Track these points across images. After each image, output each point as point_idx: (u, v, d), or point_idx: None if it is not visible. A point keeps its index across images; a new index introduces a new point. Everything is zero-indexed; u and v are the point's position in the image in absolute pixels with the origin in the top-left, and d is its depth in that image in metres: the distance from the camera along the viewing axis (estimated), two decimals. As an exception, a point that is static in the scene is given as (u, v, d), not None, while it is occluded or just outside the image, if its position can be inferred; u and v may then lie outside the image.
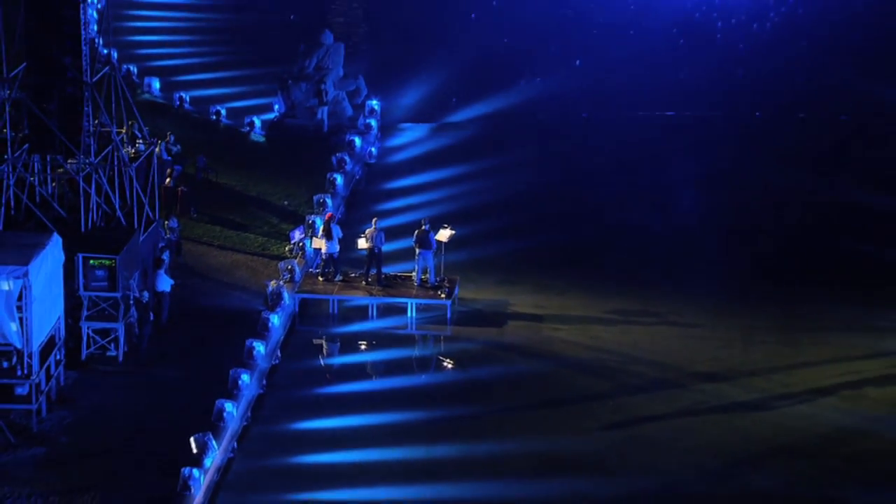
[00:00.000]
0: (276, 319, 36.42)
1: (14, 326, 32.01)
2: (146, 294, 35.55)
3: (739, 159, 49.10)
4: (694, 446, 32.75)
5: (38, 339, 32.42)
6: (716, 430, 33.44)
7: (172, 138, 43.18)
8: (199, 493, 29.95)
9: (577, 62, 56.99)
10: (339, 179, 43.60)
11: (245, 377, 33.61)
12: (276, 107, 48.08)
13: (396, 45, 56.29)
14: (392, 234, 39.66)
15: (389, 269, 38.91)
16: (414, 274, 38.40)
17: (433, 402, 34.74)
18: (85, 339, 35.05)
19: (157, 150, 41.72)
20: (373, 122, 47.93)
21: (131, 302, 35.50)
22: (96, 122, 39.68)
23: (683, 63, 56.85)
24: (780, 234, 43.39)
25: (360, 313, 38.33)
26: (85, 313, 35.03)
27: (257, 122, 47.56)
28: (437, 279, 38.28)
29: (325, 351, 37.31)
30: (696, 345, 37.06)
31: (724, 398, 34.74)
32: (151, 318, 36.15)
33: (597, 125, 51.68)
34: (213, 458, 30.90)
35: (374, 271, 38.55)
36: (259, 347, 34.94)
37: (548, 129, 51.00)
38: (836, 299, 39.19)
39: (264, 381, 34.69)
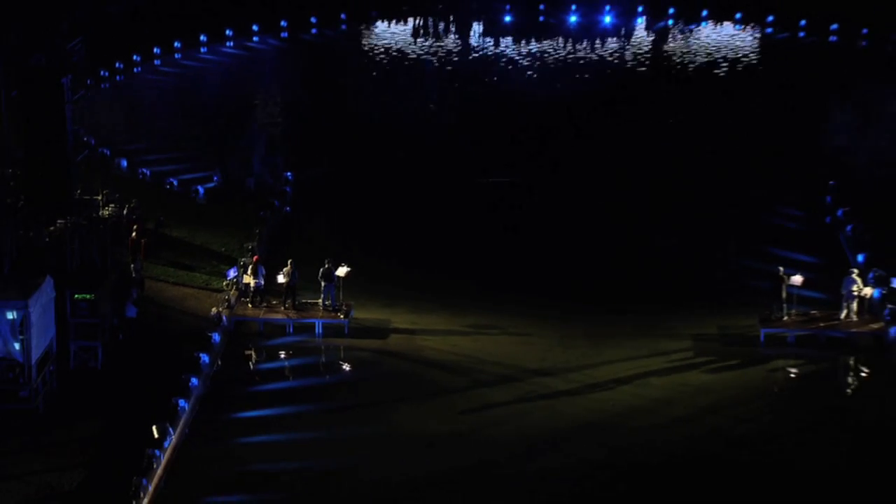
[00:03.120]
0: (217, 336, 36.40)
1: (17, 345, 32.07)
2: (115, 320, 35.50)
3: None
4: (528, 425, 33.00)
5: (35, 355, 32.40)
6: (544, 412, 33.65)
7: (136, 203, 42.78)
8: (160, 468, 29.96)
9: None
10: (264, 232, 43.39)
11: (194, 380, 33.62)
12: (215, 178, 47.77)
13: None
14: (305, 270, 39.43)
15: (302, 296, 38.84)
16: (320, 301, 38.35)
17: (335, 395, 34.81)
18: (72, 353, 34.84)
19: (124, 211, 41.64)
20: (287, 189, 47.71)
21: (107, 326, 35.36)
22: (79, 190, 39.52)
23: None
24: (583, 258, 42.74)
25: (280, 330, 38.14)
26: (72, 335, 34.84)
27: (200, 189, 47.23)
28: (337, 304, 38.28)
29: (254, 359, 37.10)
30: (528, 348, 37.08)
31: (549, 388, 34.83)
32: (120, 337, 36.16)
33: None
34: (170, 441, 30.89)
35: (290, 299, 38.51)
36: (204, 357, 34.92)
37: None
38: (629, 311, 39.05)
39: (208, 383, 34.69)
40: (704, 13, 68.57)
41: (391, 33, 68.68)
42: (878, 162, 48.01)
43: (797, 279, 37.23)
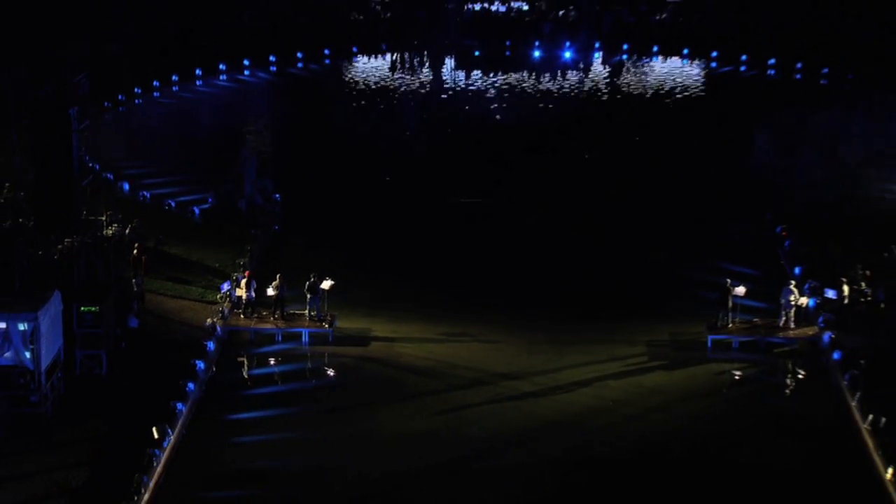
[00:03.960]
0: (211, 345, 36.25)
1: (28, 354, 31.92)
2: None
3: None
4: (496, 424, 33.02)
5: (44, 363, 32.29)
6: (511, 412, 33.65)
7: (137, 222, 42.64)
8: (159, 466, 29.89)
9: None
10: (255, 249, 43.30)
11: (191, 385, 33.47)
12: (210, 200, 47.63)
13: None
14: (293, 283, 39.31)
15: (290, 308, 38.69)
16: (306, 311, 38.20)
17: (321, 398, 34.71)
18: (78, 361, 34.63)
19: (126, 230, 41.49)
20: (276, 209, 47.61)
21: (110, 336, 35.22)
22: (85, 212, 39.40)
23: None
24: (547, 272, 42.59)
25: (270, 339, 37.94)
26: (78, 344, 34.63)
27: (196, 210, 47.06)
28: (322, 314, 38.17)
29: (246, 365, 36.91)
30: (497, 354, 37.00)
31: (516, 390, 34.80)
32: (123, 346, 36.00)
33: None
34: (169, 441, 30.78)
35: (279, 310, 38.35)
36: (200, 364, 34.76)
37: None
38: (589, 319, 39.03)
39: (204, 387, 34.52)
40: (655, 48, 68.83)
41: (371, 67, 68.71)
42: (809, 184, 48.18)
43: (741, 290, 37.35)
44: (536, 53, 68.63)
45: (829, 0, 66.66)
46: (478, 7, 71.27)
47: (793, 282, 38.39)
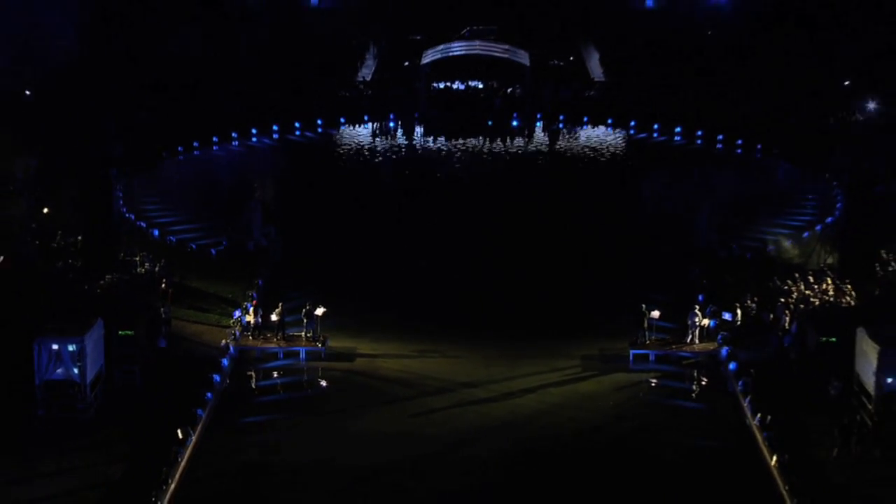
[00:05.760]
0: (225, 361, 36.18)
1: (76, 370, 31.86)
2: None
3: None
4: (459, 424, 33.07)
5: (89, 377, 32.36)
6: (471, 415, 33.67)
7: (165, 262, 42.47)
8: (183, 461, 29.78)
9: None
10: (261, 282, 43.23)
11: (209, 394, 33.44)
12: (224, 242, 47.45)
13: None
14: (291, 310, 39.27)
15: (290, 330, 38.55)
16: (303, 333, 38.01)
17: (315, 404, 34.60)
18: (117, 376, 34.50)
19: (156, 268, 41.36)
20: (278, 250, 47.27)
21: (143, 354, 35.13)
22: (122, 253, 39.32)
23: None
24: (502, 300, 42.05)
25: (273, 356, 37.76)
26: (116, 362, 34.56)
27: (213, 251, 46.81)
28: (317, 336, 38.01)
29: (254, 378, 36.71)
30: (460, 367, 36.93)
31: (475, 397, 34.80)
32: (153, 362, 35.93)
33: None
34: (191, 440, 30.66)
35: (281, 332, 38.25)
36: (216, 377, 34.70)
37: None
38: (535, 338, 38.91)
39: (219, 396, 34.39)
40: (586, 119, 69.62)
41: (356, 133, 68.96)
42: (708, 227, 47.85)
43: (655, 313, 37.60)
44: (490, 122, 69.15)
45: (725, 78, 67.65)
46: (442, 85, 71.91)
47: (697, 306, 38.68)
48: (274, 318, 38.24)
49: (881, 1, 66.22)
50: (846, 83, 64.43)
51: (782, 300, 39.31)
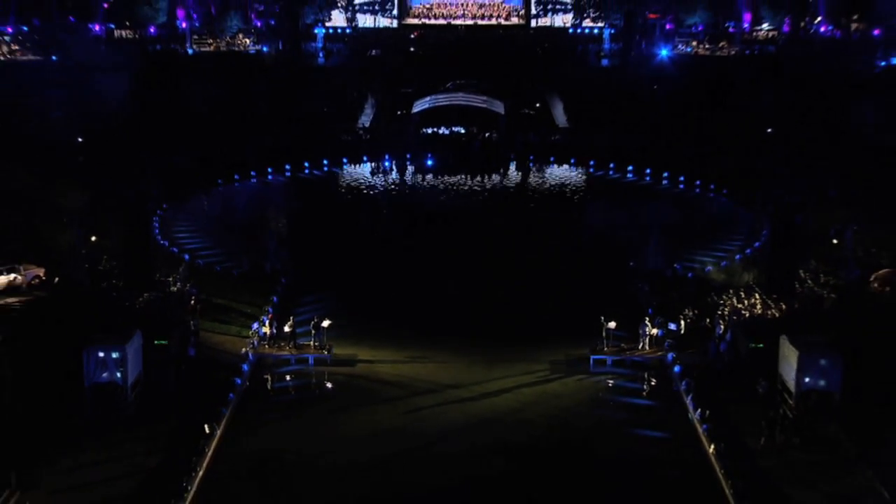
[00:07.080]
0: (245, 367, 36.20)
1: (119, 374, 31.97)
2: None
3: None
4: (444, 421, 33.05)
5: (130, 380, 32.45)
6: (455, 413, 33.68)
7: (194, 282, 42.42)
8: (210, 451, 29.82)
9: None
10: (276, 299, 43.14)
11: (231, 395, 33.45)
12: (244, 265, 47.14)
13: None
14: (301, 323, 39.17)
15: (300, 340, 38.48)
16: (312, 343, 38.00)
17: (322, 403, 34.58)
18: (153, 379, 34.39)
19: (186, 287, 41.37)
20: (290, 270, 46.96)
21: (175, 361, 35.12)
22: (158, 275, 39.37)
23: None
24: (484, 312, 41.62)
25: (286, 362, 37.73)
26: (152, 367, 34.52)
27: (235, 272, 46.60)
28: (323, 344, 38.02)
29: (269, 381, 36.67)
30: (444, 370, 36.91)
31: (459, 397, 34.79)
32: (184, 368, 35.84)
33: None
34: (217, 434, 30.68)
35: (292, 342, 38.22)
36: (237, 380, 34.79)
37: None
38: (511, 344, 38.73)
39: (240, 396, 34.42)
40: (552, 159, 70.08)
41: (356, 171, 69.30)
42: (659, 253, 47.96)
43: (612, 324, 37.80)
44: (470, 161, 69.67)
45: (669, 125, 68.52)
46: (430, 131, 72.68)
47: (647, 318, 38.96)
48: (287, 329, 38.37)
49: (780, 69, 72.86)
50: (769, 130, 65.55)
51: (719, 312, 39.73)
